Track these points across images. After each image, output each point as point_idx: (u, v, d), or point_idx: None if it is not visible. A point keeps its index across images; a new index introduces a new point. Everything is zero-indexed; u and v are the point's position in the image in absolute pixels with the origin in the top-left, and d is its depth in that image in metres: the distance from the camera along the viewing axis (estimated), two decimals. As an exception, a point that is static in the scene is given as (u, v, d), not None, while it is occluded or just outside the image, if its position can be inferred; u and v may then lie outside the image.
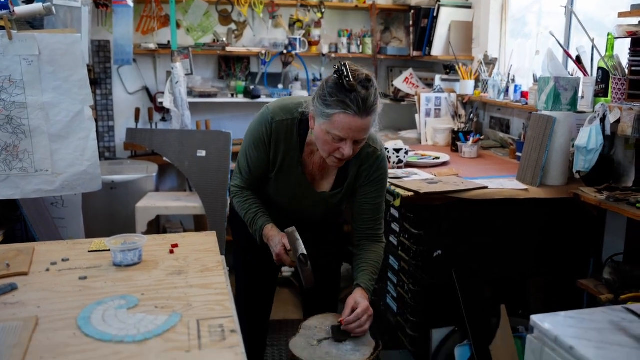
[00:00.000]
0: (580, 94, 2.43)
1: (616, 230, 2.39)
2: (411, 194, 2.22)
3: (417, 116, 3.64)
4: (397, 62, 4.44)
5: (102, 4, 3.59)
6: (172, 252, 1.61)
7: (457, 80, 3.67)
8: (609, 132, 2.20)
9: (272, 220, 1.80)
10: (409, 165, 2.80)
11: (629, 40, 2.13)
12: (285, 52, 3.97)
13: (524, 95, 3.02)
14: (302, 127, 1.73)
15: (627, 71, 2.17)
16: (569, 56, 2.62)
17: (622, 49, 2.33)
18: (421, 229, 2.45)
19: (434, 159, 2.89)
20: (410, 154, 2.89)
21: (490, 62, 3.46)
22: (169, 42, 3.61)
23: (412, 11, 4.02)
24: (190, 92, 3.74)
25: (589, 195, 2.17)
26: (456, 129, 3.30)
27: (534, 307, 2.39)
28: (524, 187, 2.33)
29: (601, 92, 2.40)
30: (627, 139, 2.29)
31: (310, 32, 4.11)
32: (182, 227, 3.88)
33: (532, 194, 2.28)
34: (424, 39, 3.89)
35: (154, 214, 3.08)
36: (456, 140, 3.23)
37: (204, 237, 1.76)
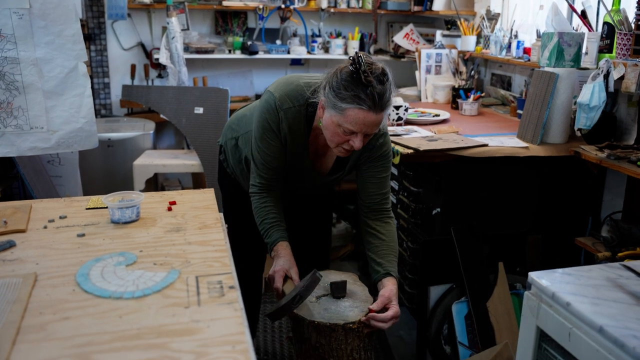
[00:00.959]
0: (584, 50, 2.39)
1: (616, 188, 2.38)
2: (410, 151, 2.21)
3: (417, 73, 3.58)
4: (398, 17, 4.34)
5: (93, -45, 3.48)
6: (169, 209, 1.61)
7: (459, 36, 3.60)
8: (612, 88, 2.16)
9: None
10: (409, 122, 2.78)
11: (636, -7, 2.07)
12: (283, 6, 3.86)
13: (527, 51, 2.97)
14: (309, 113, 1.68)
15: (633, 26, 2.12)
16: (574, 10, 2.56)
17: (629, 3, 2.27)
18: (420, 187, 2.45)
19: (433, 117, 2.86)
20: (410, 111, 2.86)
21: (492, 18, 3.38)
22: (163, -5, 3.53)
23: (414, -36, 3.91)
24: (186, 48, 3.67)
25: (590, 153, 2.16)
26: (457, 86, 3.26)
27: (532, 264, 2.40)
28: (524, 145, 2.32)
29: (606, 48, 2.35)
30: (631, 96, 2.26)
31: (309, -14, 4.01)
32: (180, 185, 3.88)
33: (532, 152, 2.27)
34: (426, -7, 3.80)
35: (152, 172, 3.07)
36: (456, 97, 3.19)
37: (201, 194, 1.75)
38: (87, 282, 1.17)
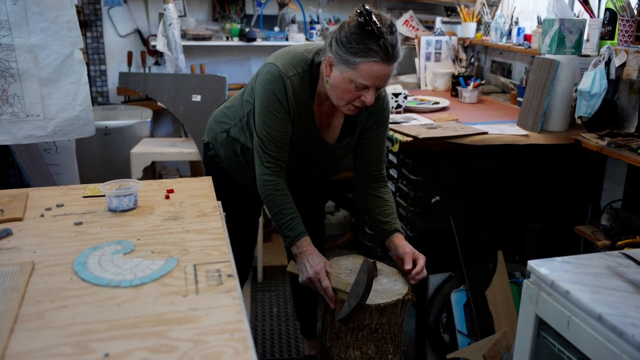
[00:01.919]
0: (585, 37, 2.37)
1: (616, 176, 2.38)
2: (410, 139, 2.19)
3: (416, 60, 3.56)
4: (397, 3, 4.31)
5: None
6: (167, 197, 1.60)
7: (459, 22, 3.57)
8: (613, 76, 2.15)
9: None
10: (408, 110, 2.76)
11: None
12: (281, -7, 3.83)
13: (527, 38, 2.95)
14: (312, 79, 1.65)
15: (636, 12, 2.10)
16: (576, -3, 2.54)
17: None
18: (419, 175, 2.44)
19: (433, 104, 2.84)
20: (409, 98, 2.84)
21: (493, 4, 3.36)
22: (160, -19, 3.48)
23: (414, -50, 3.87)
24: (183, 35, 3.64)
25: (590, 141, 2.15)
26: (456, 74, 3.24)
27: (531, 253, 2.40)
28: (524, 132, 2.30)
29: (607, 34, 2.32)
30: (632, 84, 2.24)
31: (307, -28, 3.96)
32: (178, 173, 3.86)
33: (532, 140, 2.26)
34: (425, -21, 3.77)
35: (149, 160, 3.05)
36: (456, 84, 3.17)
37: (199, 182, 1.73)
38: (85, 270, 1.16)
